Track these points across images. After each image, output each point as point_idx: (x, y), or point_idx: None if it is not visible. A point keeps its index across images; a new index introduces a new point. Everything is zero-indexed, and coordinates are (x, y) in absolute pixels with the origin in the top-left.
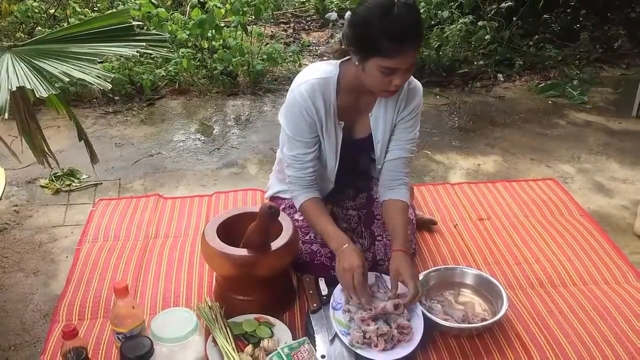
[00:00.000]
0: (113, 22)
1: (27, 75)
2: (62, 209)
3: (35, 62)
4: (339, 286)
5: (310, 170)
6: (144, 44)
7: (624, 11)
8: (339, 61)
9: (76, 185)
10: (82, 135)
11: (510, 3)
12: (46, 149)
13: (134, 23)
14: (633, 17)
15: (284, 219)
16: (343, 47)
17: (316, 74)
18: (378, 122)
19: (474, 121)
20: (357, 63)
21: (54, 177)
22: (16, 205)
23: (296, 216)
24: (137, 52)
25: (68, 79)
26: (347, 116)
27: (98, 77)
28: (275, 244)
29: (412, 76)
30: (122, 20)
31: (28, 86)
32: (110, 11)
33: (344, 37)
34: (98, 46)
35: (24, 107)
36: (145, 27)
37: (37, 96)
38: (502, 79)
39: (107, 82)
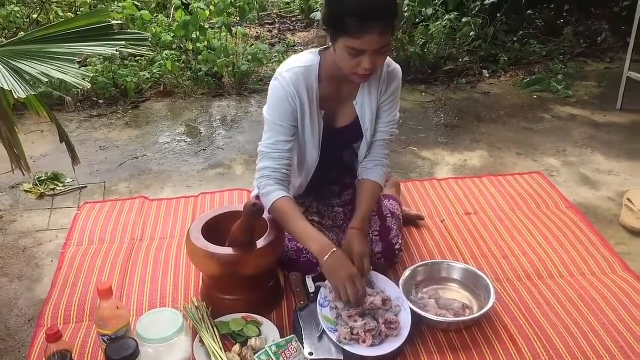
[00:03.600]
0: (92, 21)
1: (5, 77)
2: (47, 213)
3: (13, 63)
4: (326, 283)
5: (286, 162)
6: (123, 42)
7: (607, 6)
8: (319, 49)
9: (60, 190)
10: (63, 137)
11: (494, 0)
12: (18, 152)
13: (113, 22)
14: (616, 12)
15: (269, 216)
16: (320, 30)
17: (299, 63)
18: (364, 108)
19: (459, 117)
20: (330, 44)
21: (38, 181)
22: (0, 211)
23: None
24: (117, 51)
25: (47, 79)
26: (329, 105)
27: (77, 76)
28: (261, 242)
29: (391, 60)
30: (101, 19)
31: (6, 87)
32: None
33: (321, 17)
34: (77, 46)
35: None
36: (129, 30)
37: (16, 97)
38: (487, 75)
39: (87, 81)
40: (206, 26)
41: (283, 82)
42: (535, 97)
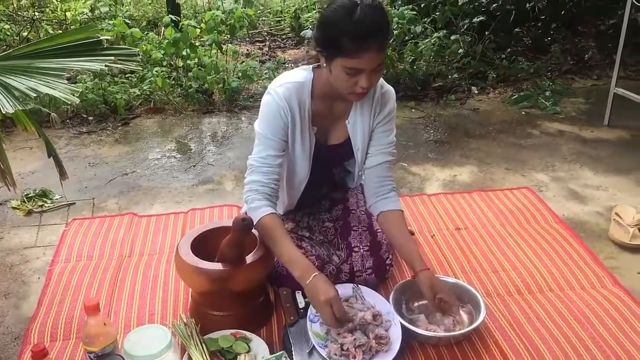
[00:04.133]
0: (80, 37)
1: None
2: (34, 230)
3: (0, 78)
4: None
5: (275, 177)
6: (112, 58)
7: (594, 24)
8: (312, 66)
9: (48, 206)
10: (51, 152)
11: (482, 18)
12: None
13: (102, 38)
14: (602, 30)
15: None
16: (312, 50)
17: (291, 79)
18: (356, 128)
19: (449, 133)
20: (324, 65)
21: (26, 198)
22: None
23: None
24: (105, 66)
25: (35, 94)
26: (321, 122)
27: (65, 91)
28: (250, 258)
29: (384, 81)
30: (90, 35)
31: None
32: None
33: (313, 39)
34: (65, 61)
35: None
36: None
37: (3, 112)
38: (476, 92)
39: (75, 96)
40: (196, 43)
41: (275, 97)
42: (523, 113)
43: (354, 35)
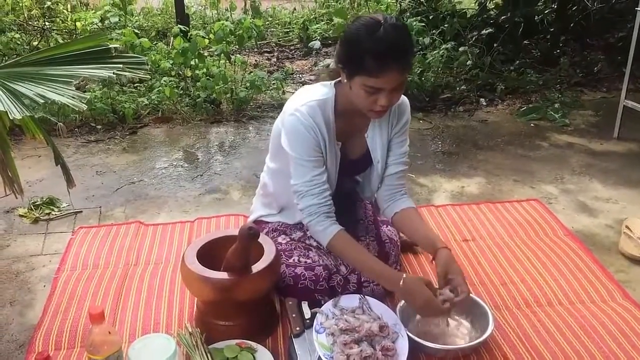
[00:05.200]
0: (90, 44)
1: (1, 98)
2: (41, 237)
3: (9, 84)
4: (323, 308)
5: (327, 193)
6: (121, 65)
7: (603, 37)
8: (333, 82)
9: (55, 214)
10: (58, 160)
11: (490, 30)
12: (12, 175)
13: (111, 46)
14: (612, 42)
15: (265, 241)
16: (334, 65)
17: (314, 96)
18: (375, 141)
19: (457, 144)
20: (345, 80)
21: (33, 206)
22: None
23: (279, 239)
24: (114, 73)
25: (43, 101)
26: (344, 137)
27: (73, 97)
28: (256, 267)
29: None
30: (99, 43)
31: (1, 108)
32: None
33: (335, 55)
34: (74, 68)
35: None
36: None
37: (11, 118)
38: (484, 103)
39: (83, 103)
40: (205, 54)
41: (301, 117)
42: (532, 125)
43: (374, 54)
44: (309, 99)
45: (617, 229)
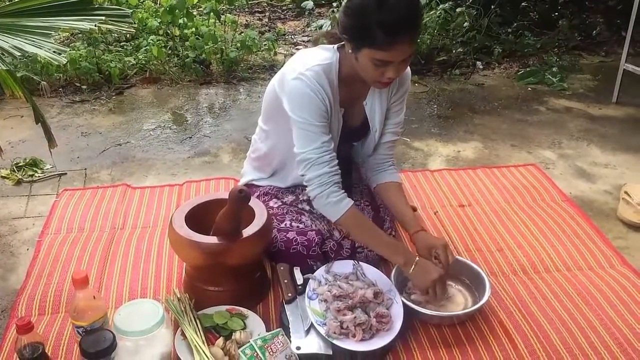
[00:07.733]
0: None
1: None
2: (24, 200)
3: None
4: (315, 274)
5: (337, 162)
6: (103, 17)
7: (602, 0)
8: (336, 46)
9: (39, 176)
10: (39, 118)
11: None
12: None
13: None
14: (611, 6)
15: (256, 205)
16: (336, 33)
17: (317, 60)
18: (374, 109)
19: (453, 108)
20: (350, 51)
21: (16, 167)
22: None
23: (271, 203)
24: (95, 26)
25: (20, 53)
26: (345, 104)
27: (52, 51)
28: (247, 231)
29: None
30: None
31: None
32: None
33: (337, 23)
34: (53, 20)
35: None
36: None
37: None
38: (481, 67)
39: (62, 57)
40: (194, 12)
41: (307, 81)
42: (529, 89)
43: (385, 27)
44: (312, 63)
45: (615, 194)
